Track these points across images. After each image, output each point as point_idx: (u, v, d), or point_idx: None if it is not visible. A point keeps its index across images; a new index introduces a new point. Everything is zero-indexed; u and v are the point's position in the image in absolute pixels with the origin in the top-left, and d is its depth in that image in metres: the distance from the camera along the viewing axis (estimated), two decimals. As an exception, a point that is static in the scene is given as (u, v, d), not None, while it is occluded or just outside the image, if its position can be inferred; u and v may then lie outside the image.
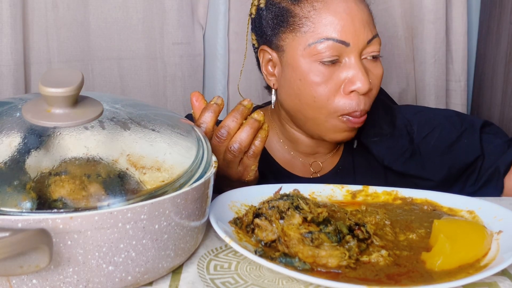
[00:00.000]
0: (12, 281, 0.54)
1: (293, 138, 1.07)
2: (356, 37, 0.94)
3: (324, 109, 0.96)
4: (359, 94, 0.95)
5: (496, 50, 1.53)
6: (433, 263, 0.63)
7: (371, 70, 0.97)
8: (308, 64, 0.95)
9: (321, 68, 0.94)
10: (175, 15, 1.45)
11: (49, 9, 1.39)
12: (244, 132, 0.79)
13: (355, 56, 0.95)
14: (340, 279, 0.60)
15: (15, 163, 0.58)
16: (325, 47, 0.94)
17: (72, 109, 0.63)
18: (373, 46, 0.96)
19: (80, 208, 0.55)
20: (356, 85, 0.94)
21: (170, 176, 0.61)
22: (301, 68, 0.96)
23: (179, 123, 0.72)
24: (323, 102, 0.96)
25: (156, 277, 0.61)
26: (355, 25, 0.94)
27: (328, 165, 1.10)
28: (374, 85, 0.98)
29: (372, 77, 0.97)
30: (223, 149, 0.80)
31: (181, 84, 1.50)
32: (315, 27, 0.94)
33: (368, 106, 0.97)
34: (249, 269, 0.65)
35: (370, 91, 0.96)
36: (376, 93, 0.99)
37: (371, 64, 0.97)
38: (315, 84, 0.95)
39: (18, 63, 1.36)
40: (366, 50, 0.96)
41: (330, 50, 0.94)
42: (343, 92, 0.95)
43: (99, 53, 1.45)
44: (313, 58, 0.95)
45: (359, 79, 0.94)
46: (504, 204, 0.78)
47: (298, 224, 0.65)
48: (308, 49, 0.95)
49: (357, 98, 0.95)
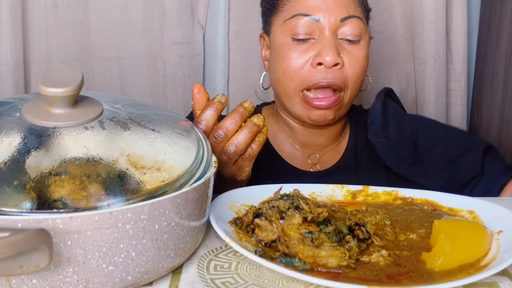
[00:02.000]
0: (12, 281, 0.54)
1: (289, 125, 1.10)
2: (327, 13, 0.97)
3: (292, 81, 0.99)
4: (326, 68, 0.97)
5: (496, 50, 1.53)
6: (433, 263, 0.63)
7: (349, 51, 0.99)
8: (283, 39, 1.01)
9: (293, 43, 0.99)
10: (175, 15, 1.45)
11: (49, 8, 1.39)
12: (242, 135, 0.79)
13: (327, 32, 0.98)
14: (340, 279, 0.59)
15: (15, 163, 0.58)
16: (297, 22, 0.98)
17: (72, 109, 0.63)
18: (349, 26, 0.98)
19: (80, 208, 0.55)
20: (321, 57, 0.96)
21: (170, 176, 0.61)
22: (277, 43, 1.02)
23: (179, 123, 0.72)
24: (291, 74, 0.99)
25: (156, 277, 0.61)
26: (327, 3, 0.98)
27: (330, 160, 1.10)
28: (354, 68, 0.99)
29: (350, 59, 0.99)
30: (219, 150, 0.80)
31: (181, 84, 1.50)
32: (291, 5, 1.01)
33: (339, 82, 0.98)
34: (249, 269, 0.65)
35: (342, 67, 0.98)
36: (357, 78, 1.00)
37: (349, 46, 0.99)
38: (287, 57, 0.99)
39: (18, 63, 1.36)
40: (341, 30, 0.98)
41: (302, 26, 0.98)
42: (311, 65, 0.98)
43: (99, 53, 1.45)
44: (287, 34, 1.00)
45: (326, 52, 0.96)
46: (504, 204, 0.78)
47: (298, 224, 0.65)
48: (284, 25, 1.01)
49: (324, 71, 0.97)
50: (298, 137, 1.10)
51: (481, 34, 1.62)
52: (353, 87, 1.01)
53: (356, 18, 0.99)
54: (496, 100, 1.54)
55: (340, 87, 0.99)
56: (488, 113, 1.58)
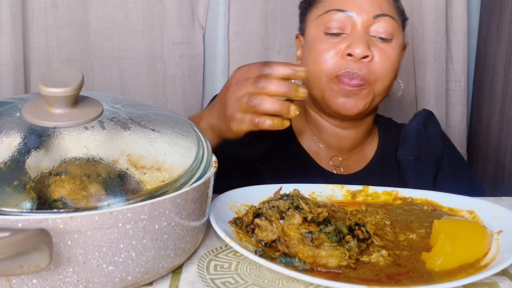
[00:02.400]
0: (12, 281, 0.54)
1: (317, 123, 1.10)
2: (360, 9, 0.99)
3: (322, 72, 1.00)
4: (355, 59, 0.97)
5: (496, 50, 1.53)
6: (433, 263, 0.63)
7: (380, 48, 1.00)
8: (315, 33, 1.02)
9: (325, 37, 1.01)
10: (175, 15, 1.45)
11: (49, 8, 1.39)
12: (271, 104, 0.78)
13: (359, 28, 0.99)
14: (340, 279, 0.59)
15: (15, 163, 0.58)
16: (330, 17, 1.00)
17: (72, 109, 0.63)
18: (381, 24, 1.00)
19: (80, 208, 0.55)
20: (351, 48, 0.97)
21: (170, 176, 0.61)
22: (310, 38, 1.04)
23: (179, 123, 0.72)
24: (321, 65, 1.00)
25: (156, 277, 0.61)
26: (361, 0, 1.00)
27: (353, 165, 1.10)
28: (383, 64, 0.99)
29: (381, 55, 0.99)
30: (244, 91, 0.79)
31: (181, 84, 1.50)
32: (327, 2, 1.03)
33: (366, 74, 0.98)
34: (249, 269, 0.65)
35: (371, 61, 0.98)
36: (386, 73, 1.00)
37: (381, 43, 1.00)
38: (318, 49, 1.01)
39: (18, 63, 1.36)
40: (373, 27, 1.00)
41: (334, 21, 1.00)
42: (341, 56, 0.99)
43: (99, 53, 1.45)
44: (320, 28, 1.02)
45: (356, 44, 0.97)
46: (504, 204, 0.78)
47: (298, 224, 0.65)
48: (317, 20, 1.03)
49: (353, 62, 0.98)
50: (324, 136, 1.10)
51: (481, 34, 1.62)
52: (382, 82, 1.01)
53: (389, 17, 1.01)
54: (496, 100, 1.54)
55: (366, 79, 0.99)
56: (488, 113, 1.58)
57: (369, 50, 0.98)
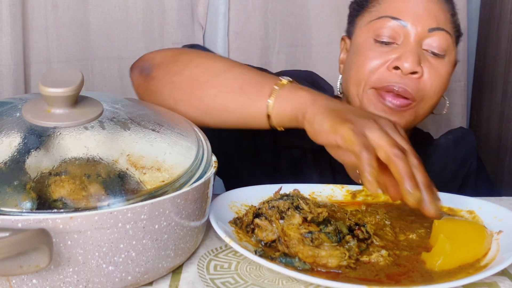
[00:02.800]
0: (12, 281, 0.54)
1: None
2: (416, 20, 0.92)
3: (363, 80, 0.93)
4: (402, 74, 0.90)
5: (496, 50, 1.53)
6: (433, 263, 0.63)
7: (431, 64, 0.92)
8: (365, 38, 0.95)
9: (374, 44, 0.94)
10: (175, 15, 1.45)
11: (49, 8, 1.39)
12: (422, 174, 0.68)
13: (412, 39, 0.92)
14: (340, 279, 0.59)
15: (15, 163, 0.58)
16: (382, 24, 0.93)
17: (72, 109, 0.63)
18: (436, 38, 0.92)
19: (80, 208, 0.55)
20: (400, 61, 0.90)
21: (170, 176, 0.61)
22: (357, 43, 0.97)
23: (179, 123, 0.72)
24: (365, 73, 0.93)
25: (156, 277, 0.61)
26: (418, 10, 0.92)
27: None
28: (433, 82, 0.92)
29: (431, 72, 0.92)
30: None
31: (181, 84, 1.50)
32: (381, 7, 0.96)
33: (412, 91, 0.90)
34: (249, 269, 0.65)
35: (420, 78, 0.91)
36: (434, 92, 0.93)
37: (433, 59, 0.93)
38: (364, 56, 0.94)
39: (18, 63, 1.36)
40: (427, 40, 0.92)
41: (387, 28, 0.93)
42: (388, 68, 0.92)
43: (99, 52, 1.45)
44: (370, 34, 0.94)
45: (406, 57, 0.90)
46: (504, 204, 0.78)
47: (298, 224, 0.65)
48: (368, 25, 0.96)
49: (399, 76, 0.90)
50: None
51: (481, 34, 1.62)
52: (428, 102, 0.94)
53: (445, 32, 0.93)
54: (496, 100, 1.54)
55: (413, 97, 0.90)
56: (488, 113, 1.58)
57: (419, 65, 0.90)
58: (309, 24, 1.53)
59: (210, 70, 0.81)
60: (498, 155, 1.54)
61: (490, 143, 1.57)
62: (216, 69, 0.81)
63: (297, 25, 1.52)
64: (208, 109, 0.80)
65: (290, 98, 0.75)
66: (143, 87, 0.86)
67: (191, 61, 0.83)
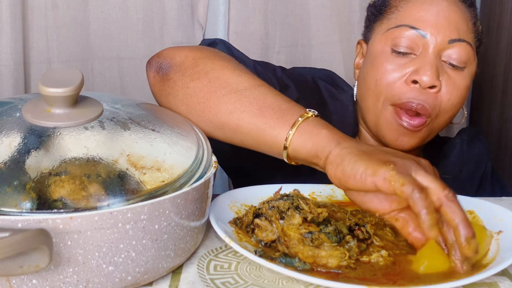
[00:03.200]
0: (12, 281, 0.54)
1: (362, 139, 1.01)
2: (435, 30, 0.89)
3: (382, 95, 0.91)
4: (421, 88, 0.88)
5: (496, 50, 1.53)
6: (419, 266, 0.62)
7: (450, 77, 0.90)
8: (382, 47, 0.92)
9: (392, 55, 0.91)
10: (175, 15, 1.45)
11: (49, 8, 1.39)
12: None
13: (431, 51, 0.89)
14: (340, 279, 0.59)
15: (15, 163, 0.58)
16: (400, 33, 0.90)
17: (72, 109, 0.63)
18: (455, 50, 0.89)
19: (80, 208, 0.55)
20: (418, 75, 0.87)
21: (170, 176, 0.61)
22: (374, 51, 0.94)
23: (179, 123, 0.72)
24: (383, 87, 0.90)
25: (156, 277, 0.61)
26: (438, 19, 0.89)
27: None
28: (450, 96, 0.90)
29: (449, 85, 0.89)
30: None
31: (181, 84, 1.50)
32: (399, 14, 0.92)
33: (430, 107, 0.88)
34: (249, 269, 0.65)
35: (438, 92, 0.89)
36: (451, 107, 0.91)
37: (452, 71, 0.90)
38: (382, 68, 0.91)
39: (18, 63, 1.36)
40: (446, 52, 0.90)
41: (405, 38, 0.90)
42: (405, 82, 0.89)
43: (99, 53, 1.45)
44: (388, 43, 0.91)
45: (425, 71, 0.87)
46: (504, 204, 0.77)
47: (298, 224, 0.65)
48: (386, 34, 0.93)
49: (417, 91, 0.88)
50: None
51: (481, 34, 1.62)
52: (444, 116, 0.91)
53: (465, 43, 0.90)
54: (496, 100, 1.54)
55: (429, 113, 0.88)
56: (488, 113, 1.58)
57: (438, 79, 0.88)
58: (309, 24, 1.53)
59: (231, 85, 0.75)
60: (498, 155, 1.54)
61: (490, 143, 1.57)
62: (238, 85, 0.75)
63: (297, 25, 1.52)
64: (221, 124, 0.75)
65: (313, 135, 0.69)
66: (158, 86, 0.81)
67: (212, 69, 0.77)
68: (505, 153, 1.51)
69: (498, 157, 1.54)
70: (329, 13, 1.51)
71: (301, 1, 1.51)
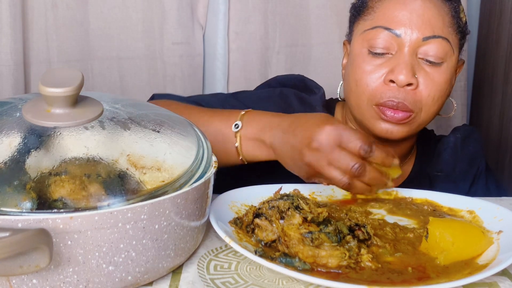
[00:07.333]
0: (12, 281, 0.54)
1: None
2: (409, 29, 0.91)
3: (364, 95, 0.93)
4: (398, 87, 0.90)
5: (496, 50, 1.53)
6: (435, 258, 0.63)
7: (427, 73, 0.92)
8: (359, 49, 0.95)
9: (368, 56, 0.93)
10: (175, 15, 1.45)
11: (49, 8, 1.39)
12: (372, 173, 0.76)
13: (406, 49, 0.91)
14: (340, 279, 0.59)
15: (15, 163, 0.58)
16: (375, 34, 0.93)
17: (72, 109, 0.63)
18: (431, 46, 0.91)
19: (80, 208, 0.55)
20: (394, 74, 0.90)
21: (170, 176, 0.61)
22: (353, 53, 0.97)
23: (179, 123, 0.72)
24: (363, 88, 0.93)
25: (156, 277, 0.61)
26: (411, 18, 0.91)
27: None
28: (429, 91, 0.92)
29: (427, 81, 0.91)
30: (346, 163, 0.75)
31: (181, 84, 1.50)
32: (375, 15, 0.95)
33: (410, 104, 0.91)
34: (249, 269, 0.65)
35: (416, 88, 0.91)
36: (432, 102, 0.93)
37: (429, 67, 0.92)
38: (360, 69, 0.94)
39: (18, 63, 1.36)
40: (422, 49, 0.91)
41: (380, 39, 0.92)
42: (384, 82, 0.92)
43: (99, 53, 1.45)
44: (365, 45, 0.94)
45: (400, 69, 0.90)
46: (504, 204, 0.78)
47: (298, 224, 0.65)
48: (363, 35, 0.95)
49: (396, 90, 0.90)
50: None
51: (481, 34, 1.62)
52: (428, 110, 0.93)
53: (441, 39, 0.91)
54: (496, 100, 1.54)
55: (411, 109, 0.91)
56: (488, 113, 1.58)
57: (414, 77, 0.90)
58: (309, 24, 1.53)
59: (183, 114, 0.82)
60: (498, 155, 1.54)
61: (490, 143, 1.57)
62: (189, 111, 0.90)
63: (297, 25, 1.52)
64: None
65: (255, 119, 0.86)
66: None
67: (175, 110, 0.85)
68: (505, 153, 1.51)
69: (498, 157, 1.54)
70: (329, 13, 1.51)
71: (301, 1, 1.50)
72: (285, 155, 0.81)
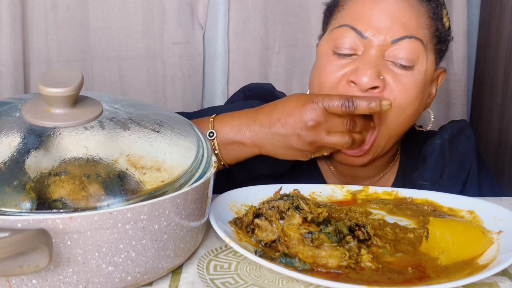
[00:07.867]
0: (12, 281, 0.54)
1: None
2: (377, 30, 0.84)
3: None
4: (360, 89, 0.83)
5: (496, 50, 1.53)
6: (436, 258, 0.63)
7: (396, 76, 0.84)
8: (325, 49, 0.89)
9: (333, 56, 0.87)
10: (175, 15, 1.45)
11: (49, 9, 1.39)
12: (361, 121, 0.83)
13: (373, 51, 0.84)
14: (340, 279, 0.59)
15: (15, 163, 0.58)
16: (341, 34, 0.86)
17: (72, 109, 0.63)
18: (401, 48, 0.84)
19: (80, 208, 0.55)
20: (356, 75, 0.83)
21: (170, 176, 0.61)
22: (319, 53, 0.91)
23: (179, 123, 0.72)
24: (326, 91, 0.86)
25: (156, 277, 0.61)
26: (381, 18, 0.84)
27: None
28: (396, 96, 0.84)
29: (396, 84, 0.84)
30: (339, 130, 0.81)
31: (181, 84, 1.50)
32: (344, 13, 0.88)
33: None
34: (249, 269, 0.65)
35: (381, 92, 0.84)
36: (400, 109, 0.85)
37: (399, 70, 0.84)
38: (323, 70, 0.87)
39: (18, 63, 1.36)
40: (391, 51, 0.84)
41: (346, 39, 0.85)
42: (347, 82, 0.85)
43: (99, 53, 1.45)
44: (330, 44, 0.88)
45: (363, 71, 0.82)
46: (504, 204, 0.78)
47: (298, 224, 0.65)
48: (330, 34, 0.89)
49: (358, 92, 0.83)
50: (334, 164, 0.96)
51: (481, 34, 1.62)
52: (394, 120, 0.86)
53: (414, 39, 0.84)
54: (496, 100, 1.54)
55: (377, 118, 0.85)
56: (488, 113, 1.58)
57: (378, 79, 0.82)
58: (309, 24, 1.53)
59: None
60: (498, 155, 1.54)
61: (490, 143, 1.57)
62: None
63: (297, 25, 1.52)
64: None
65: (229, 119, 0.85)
66: None
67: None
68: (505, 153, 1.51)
69: (498, 157, 1.54)
70: (329, 13, 1.51)
71: (301, 1, 1.51)
72: (275, 145, 0.83)
